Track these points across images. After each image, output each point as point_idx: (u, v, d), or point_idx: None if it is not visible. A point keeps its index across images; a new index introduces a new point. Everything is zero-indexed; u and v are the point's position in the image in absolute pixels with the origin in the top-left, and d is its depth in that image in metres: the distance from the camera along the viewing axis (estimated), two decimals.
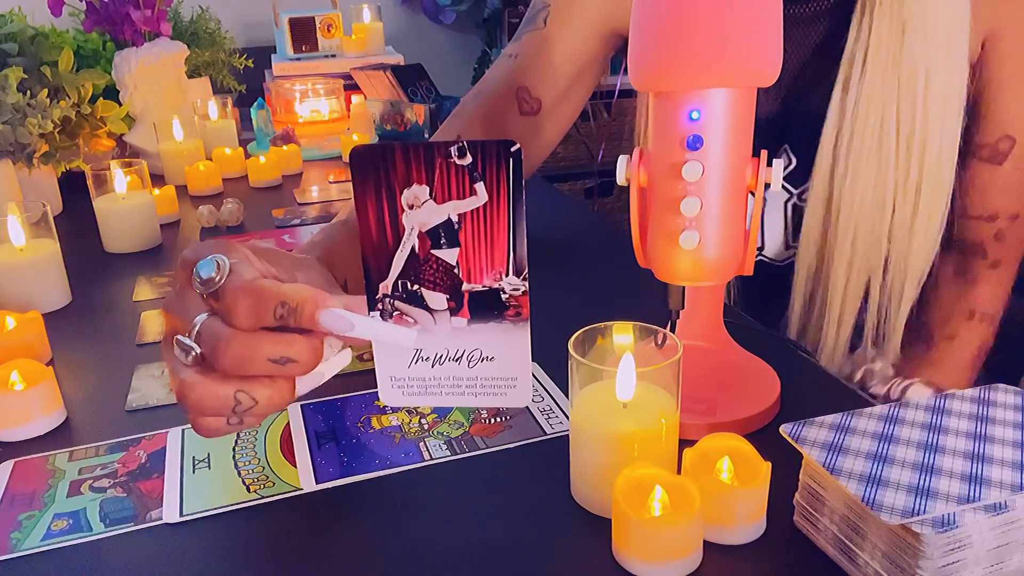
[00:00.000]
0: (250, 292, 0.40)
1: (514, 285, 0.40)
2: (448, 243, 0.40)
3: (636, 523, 0.42)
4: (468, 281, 0.40)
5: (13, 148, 0.94)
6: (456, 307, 0.41)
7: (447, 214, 0.39)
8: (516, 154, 0.38)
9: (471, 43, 2.84)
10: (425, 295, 0.41)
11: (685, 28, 0.46)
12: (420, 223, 0.40)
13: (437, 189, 0.39)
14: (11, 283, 0.77)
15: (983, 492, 0.40)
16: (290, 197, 1.15)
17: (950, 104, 0.71)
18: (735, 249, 0.52)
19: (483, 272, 0.40)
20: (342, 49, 1.67)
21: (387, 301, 0.41)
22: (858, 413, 0.47)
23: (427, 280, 0.41)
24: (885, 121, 0.70)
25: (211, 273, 0.40)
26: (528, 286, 0.40)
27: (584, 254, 0.90)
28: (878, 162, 0.72)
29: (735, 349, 0.62)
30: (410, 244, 0.40)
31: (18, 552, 0.47)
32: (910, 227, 0.74)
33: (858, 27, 0.70)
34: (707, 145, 0.48)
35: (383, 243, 0.40)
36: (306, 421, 0.58)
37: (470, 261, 0.40)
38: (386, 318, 0.42)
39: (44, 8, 1.19)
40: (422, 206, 0.39)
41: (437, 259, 0.40)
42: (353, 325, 0.40)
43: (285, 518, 0.49)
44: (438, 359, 0.42)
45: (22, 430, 0.58)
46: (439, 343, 0.42)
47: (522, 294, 0.40)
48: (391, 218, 0.40)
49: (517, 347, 0.41)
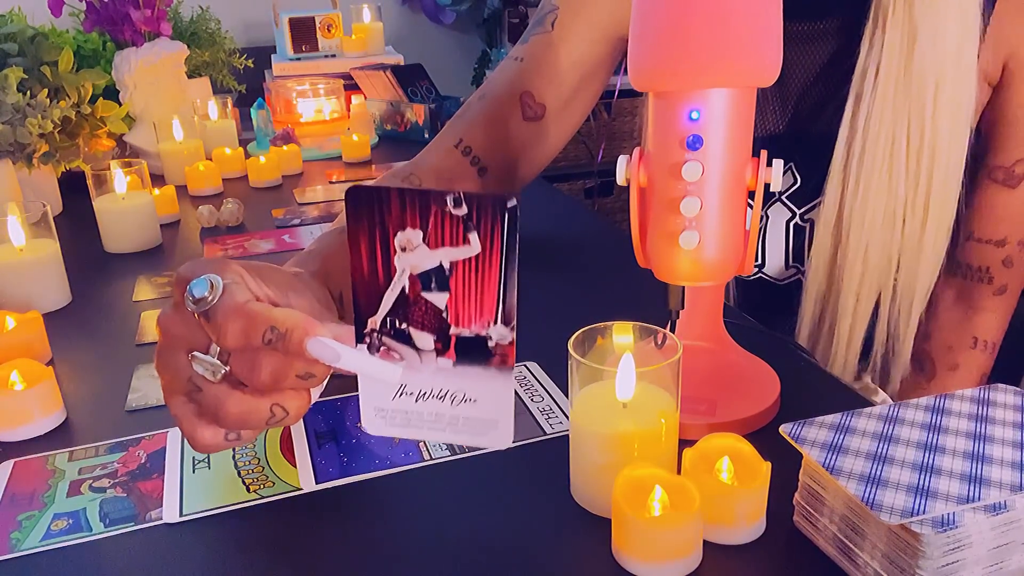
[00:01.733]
0: (241, 315, 0.40)
1: (501, 334, 0.40)
2: (439, 287, 0.40)
3: (636, 523, 0.42)
4: (456, 325, 0.41)
5: (13, 148, 0.94)
6: (443, 348, 0.41)
7: (439, 260, 0.40)
8: (512, 210, 0.38)
9: (471, 43, 2.84)
10: (413, 334, 0.41)
11: (685, 28, 0.46)
12: (412, 266, 0.40)
13: (431, 235, 0.39)
14: (11, 283, 0.77)
15: (983, 492, 0.40)
16: (290, 197, 1.15)
17: (959, 114, 0.70)
18: (735, 249, 0.52)
19: (471, 319, 0.40)
20: (342, 49, 1.66)
21: (375, 336, 0.42)
22: (858, 413, 0.47)
23: (416, 320, 0.41)
24: (896, 134, 0.70)
25: (204, 293, 0.41)
26: (515, 337, 0.40)
27: (584, 254, 0.90)
28: (889, 176, 0.71)
29: (735, 349, 0.62)
30: (400, 285, 0.41)
31: (18, 552, 0.47)
32: (919, 241, 0.73)
33: (870, 39, 0.69)
34: (707, 145, 0.48)
35: (374, 281, 0.41)
36: (306, 421, 0.58)
37: (459, 307, 0.40)
38: (373, 352, 0.42)
39: (44, 8, 1.19)
40: (415, 250, 0.40)
41: (427, 301, 0.41)
42: (340, 356, 0.41)
43: (285, 518, 0.49)
44: (422, 395, 0.42)
45: (22, 430, 0.58)
46: (424, 381, 0.42)
47: (508, 344, 0.40)
48: (383, 257, 0.40)
49: (500, 393, 0.42)
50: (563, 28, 0.81)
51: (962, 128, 0.71)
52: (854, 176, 0.72)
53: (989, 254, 0.78)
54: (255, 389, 0.42)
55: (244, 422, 0.42)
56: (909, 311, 0.76)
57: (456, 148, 0.78)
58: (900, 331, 0.77)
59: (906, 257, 0.74)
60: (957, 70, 0.68)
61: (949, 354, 0.81)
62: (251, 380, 0.41)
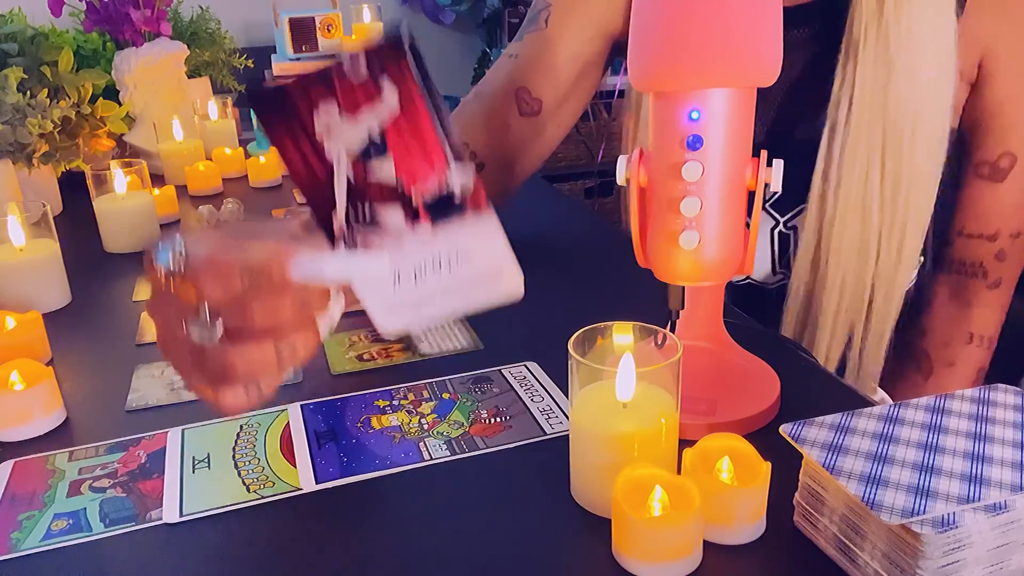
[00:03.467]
0: (211, 266, 0.40)
1: (461, 178, 0.38)
2: (379, 156, 0.38)
3: (636, 523, 0.42)
4: (415, 185, 0.39)
5: (13, 148, 0.94)
6: (414, 215, 0.40)
7: (366, 129, 0.38)
8: (410, 44, 0.36)
9: (471, 43, 2.84)
10: (379, 214, 0.40)
11: (685, 28, 0.46)
12: (345, 149, 0.39)
13: (346, 108, 0.37)
14: (11, 283, 0.77)
15: (983, 492, 0.40)
16: (290, 197, 1.15)
17: (934, 149, 0.70)
18: (735, 249, 0.52)
19: (425, 172, 0.39)
20: (342, 49, 1.66)
21: (346, 233, 0.40)
22: (858, 413, 0.47)
23: (375, 199, 0.39)
24: (871, 168, 0.70)
25: (168, 259, 0.40)
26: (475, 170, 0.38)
27: (584, 254, 0.90)
28: (862, 208, 0.71)
29: (735, 349, 0.62)
30: (343, 172, 0.39)
31: (18, 552, 0.47)
32: (893, 274, 0.73)
33: (843, 70, 0.69)
34: (707, 145, 0.48)
35: (315, 177, 0.39)
36: (306, 421, 0.58)
37: (408, 167, 0.39)
38: (352, 250, 0.41)
39: (44, 8, 1.19)
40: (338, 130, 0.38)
41: (375, 176, 0.39)
42: (323, 268, 0.40)
43: (285, 518, 0.49)
44: (419, 274, 0.41)
45: (22, 430, 0.58)
46: (413, 257, 0.41)
47: (472, 188, 0.39)
48: (315, 152, 0.39)
49: (489, 238, 0.40)
50: (557, 25, 0.81)
51: (936, 163, 0.71)
52: (831, 206, 0.72)
53: (981, 249, 0.79)
54: (255, 337, 0.41)
55: (255, 373, 0.41)
56: (881, 336, 0.76)
57: None
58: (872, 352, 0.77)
59: (879, 289, 0.74)
60: (934, 103, 0.68)
61: (945, 351, 0.82)
62: (247, 327, 0.40)
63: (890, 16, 0.66)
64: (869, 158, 0.69)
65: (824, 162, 0.71)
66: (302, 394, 0.62)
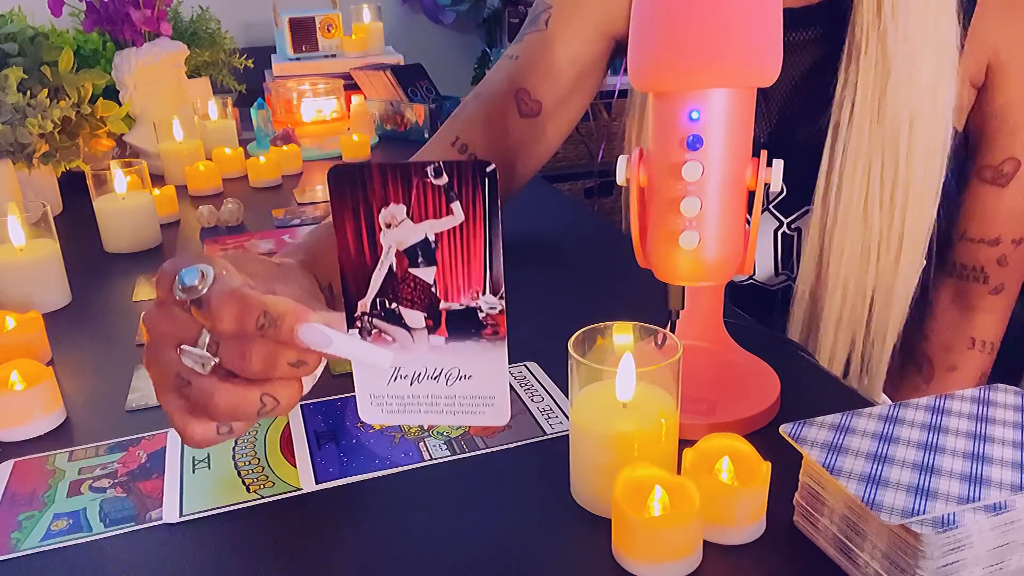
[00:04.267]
0: (236, 300, 0.40)
1: (491, 304, 0.40)
2: (425, 262, 0.40)
3: (636, 523, 0.42)
4: (446, 299, 0.41)
5: (13, 148, 0.94)
6: (434, 325, 0.41)
7: (424, 233, 0.40)
8: (492, 175, 0.38)
9: (471, 43, 2.84)
10: (403, 313, 0.41)
11: (684, 28, 0.46)
12: (397, 242, 0.40)
13: (414, 208, 0.39)
14: (11, 283, 0.77)
15: (983, 492, 0.40)
16: (290, 197, 1.15)
17: (934, 155, 0.70)
18: (735, 249, 0.52)
19: (460, 291, 0.40)
20: (342, 49, 1.66)
21: (365, 319, 0.42)
22: (858, 413, 0.47)
23: (405, 298, 0.41)
24: (872, 171, 0.70)
25: (195, 281, 0.40)
26: (504, 305, 0.40)
27: (584, 254, 0.90)
28: (864, 210, 0.71)
29: (735, 349, 0.62)
30: (388, 263, 0.40)
31: (18, 552, 0.47)
32: (893, 279, 0.73)
33: (845, 72, 0.69)
34: (707, 145, 0.48)
35: (361, 261, 0.41)
36: (306, 421, 0.58)
37: (447, 280, 0.40)
38: (364, 336, 0.42)
39: (44, 8, 1.19)
40: (399, 225, 0.40)
41: (415, 278, 0.40)
42: (331, 341, 0.40)
43: (285, 518, 0.49)
44: (416, 377, 0.42)
45: (22, 430, 0.58)
46: (417, 361, 0.42)
47: (499, 313, 0.40)
48: (369, 237, 0.40)
49: (494, 366, 0.41)
50: (557, 26, 0.81)
51: (936, 167, 0.71)
52: (832, 210, 0.72)
53: (983, 253, 0.79)
54: (246, 378, 0.41)
55: (235, 413, 0.41)
56: (883, 342, 0.76)
57: (453, 146, 0.79)
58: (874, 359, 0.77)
59: (880, 294, 0.74)
60: (932, 108, 0.68)
61: (947, 355, 0.81)
62: (241, 369, 0.40)
63: (888, 19, 0.66)
64: (870, 161, 0.69)
65: (828, 164, 0.71)
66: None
